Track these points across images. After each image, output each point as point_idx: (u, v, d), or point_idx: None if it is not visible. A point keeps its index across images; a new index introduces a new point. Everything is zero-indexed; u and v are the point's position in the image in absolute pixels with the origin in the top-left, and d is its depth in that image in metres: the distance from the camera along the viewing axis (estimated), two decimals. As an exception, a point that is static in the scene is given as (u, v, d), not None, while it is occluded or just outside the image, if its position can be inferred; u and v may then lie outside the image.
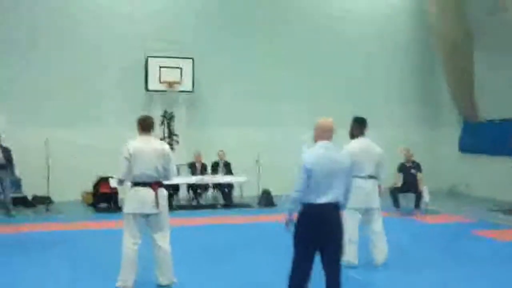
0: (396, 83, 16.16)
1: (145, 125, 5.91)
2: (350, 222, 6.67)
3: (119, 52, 13.93)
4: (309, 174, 4.62)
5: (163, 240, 5.84)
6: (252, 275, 6.23)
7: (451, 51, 14.71)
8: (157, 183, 5.79)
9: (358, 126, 6.88)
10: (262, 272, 6.39)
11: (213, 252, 7.70)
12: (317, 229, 4.64)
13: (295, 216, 4.72)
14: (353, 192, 6.50)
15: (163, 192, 5.86)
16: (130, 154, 5.69)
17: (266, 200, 12.59)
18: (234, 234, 9.22)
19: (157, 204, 5.71)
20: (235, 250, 7.80)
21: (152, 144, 5.82)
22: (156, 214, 5.76)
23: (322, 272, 4.74)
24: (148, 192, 5.72)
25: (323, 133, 4.87)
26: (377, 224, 6.83)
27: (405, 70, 16.33)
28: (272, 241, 7.66)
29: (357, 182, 6.66)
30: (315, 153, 4.78)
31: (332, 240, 4.71)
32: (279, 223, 5.04)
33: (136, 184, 5.76)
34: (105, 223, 9.61)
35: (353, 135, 6.91)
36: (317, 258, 4.72)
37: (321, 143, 4.84)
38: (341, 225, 4.77)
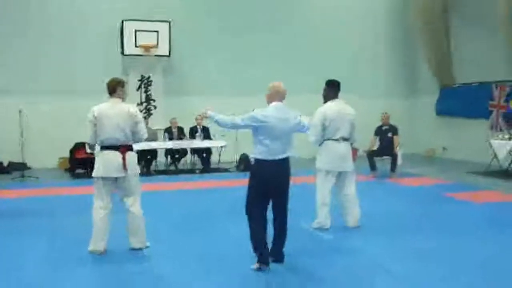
0: (375, 52, 16.17)
1: (110, 88, 5.81)
2: (322, 185, 6.74)
3: (94, 16, 13.67)
4: (257, 126, 5.17)
5: (134, 204, 5.80)
6: (223, 243, 6.24)
7: (428, 21, 14.85)
8: (125, 146, 5.74)
9: (332, 89, 6.83)
10: (232, 239, 6.39)
11: (190, 217, 7.71)
12: (268, 183, 5.15)
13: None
14: (326, 155, 6.64)
15: (131, 156, 5.80)
16: (95, 117, 5.64)
17: (244, 164, 12.62)
18: (211, 198, 9.24)
19: (124, 167, 5.67)
20: (211, 215, 7.81)
21: (117, 107, 5.72)
22: (124, 178, 5.71)
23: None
24: (115, 156, 5.66)
25: (276, 95, 5.31)
26: (350, 188, 6.84)
27: (385, 39, 16.38)
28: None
29: (331, 144, 6.72)
30: (267, 111, 5.23)
31: (280, 191, 5.25)
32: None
33: (103, 148, 5.71)
34: (82, 189, 9.57)
35: (326, 98, 6.84)
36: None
37: (274, 104, 5.28)
38: (288, 177, 5.25)
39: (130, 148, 5.83)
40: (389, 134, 11.81)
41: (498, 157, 11.72)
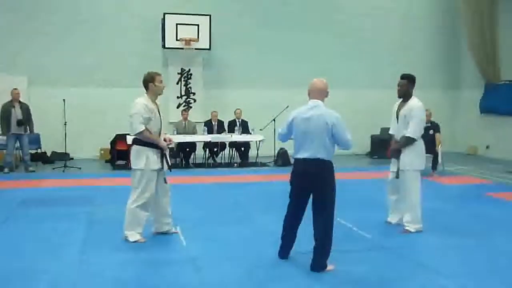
0: (419, 45, 15.84)
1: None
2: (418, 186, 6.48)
3: (136, 9, 13.85)
4: (290, 127, 5.12)
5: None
6: (254, 238, 6.27)
7: (475, 12, 14.38)
8: (133, 140, 5.90)
9: (413, 85, 6.64)
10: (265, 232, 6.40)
11: (221, 209, 7.76)
12: (299, 181, 5.07)
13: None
14: (420, 154, 6.49)
15: (131, 150, 5.89)
16: None
17: (283, 159, 12.58)
18: (247, 192, 9.27)
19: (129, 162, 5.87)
20: (243, 208, 7.86)
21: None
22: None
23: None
24: None
25: (312, 93, 5.14)
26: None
27: (428, 33, 15.98)
28: (278, 197, 7.67)
29: (422, 143, 6.57)
30: (297, 110, 5.13)
31: (315, 191, 4.99)
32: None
33: None
34: (121, 179, 9.73)
35: (407, 94, 6.57)
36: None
37: (310, 102, 5.09)
38: (323, 178, 4.98)
39: (135, 141, 5.86)
40: (431, 132, 11.55)
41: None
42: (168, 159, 6.05)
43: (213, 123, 13.12)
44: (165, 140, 5.98)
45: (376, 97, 14.40)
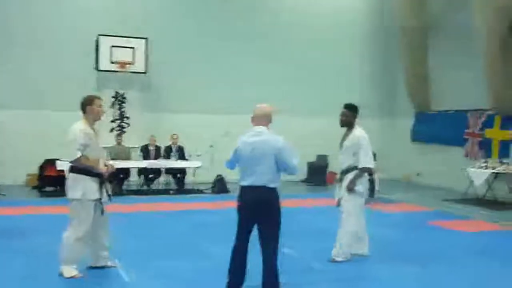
0: (354, 70, 16.09)
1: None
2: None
3: (69, 30, 13.32)
4: (236, 154, 5.00)
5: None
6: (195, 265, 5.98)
7: (409, 41, 14.89)
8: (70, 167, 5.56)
9: (356, 115, 6.59)
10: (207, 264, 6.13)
11: (164, 240, 7.40)
12: (247, 209, 4.89)
13: None
14: (363, 182, 6.45)
15: (69, 177, 5.54)
16: None
17: (220, 186, 12.34)
18: (184, 221, 8.90)
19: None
20: (188, 239, 7.53)
21: None
22: None
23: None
24: None
25: (256, 118, 5.05)
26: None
27: (364, 61, 16.24)
28: (222, 227, 7.41)
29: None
30: (242, 137, 5.02)
31: (263, 219, 4.86)
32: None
33: None
34: (51, 208, 9.13)
35: (350, 124, 6.55)
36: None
37: (254, 128, 5.00)
38: (271, 206, 4.86)
39: (72, 168, 5.52)
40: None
41: (474, 184, 11.78)
42: (108, 187, 5.68)
43: (150, 148, 12.73)
44: (106, 165, 5.62)
45: (315, 124, 14.45)
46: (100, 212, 5.54)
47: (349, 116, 6.54)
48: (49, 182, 11.70)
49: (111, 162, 6.10)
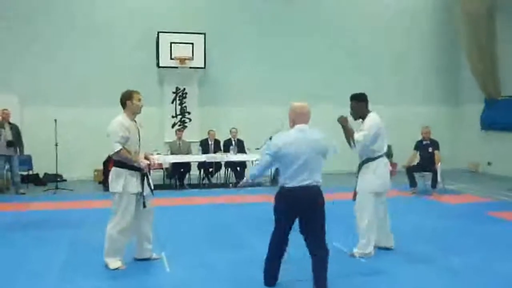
0: (417, 60, 15.65)
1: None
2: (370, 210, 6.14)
3: (130, 28, 13.68)
4: (275, 156, 4.75)
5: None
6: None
7: (474, 26, 14.22)
8: (113, 161, 5.65)
9: (364, 103, 6.26)
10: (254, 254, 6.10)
11: (212, 233, 7.47)
12: (296, 209, 4.75)
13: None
14: (378, 176, 6.10)
15: (111, 172, 5.62)
16: None
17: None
18: (241, 213, 8.98)
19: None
20: (235, 231, 7.57)
21: None
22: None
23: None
24: None
25: (300, 116, 4.87)
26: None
27: (426, 47, 15.78)
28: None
29: (383, 161, 6.20)
30: (284, 137, 4.80)
31: (313, 215, 4.76)
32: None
33: None
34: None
35: (362, 114, 6.18)
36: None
37: (300, 126, 4.83)
38: (322, 202, 4.78)
39: (114, 162, 5.63)
40: (430, 149, 11.30)
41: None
42: (151, 181, 5.76)
43: (210, 142, 12.87)
44: (147, 158, 5.71)
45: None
46: (142, 205, 5.60)
47: (357, 107, 6.19)
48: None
49: (155, 156, 6.19)
